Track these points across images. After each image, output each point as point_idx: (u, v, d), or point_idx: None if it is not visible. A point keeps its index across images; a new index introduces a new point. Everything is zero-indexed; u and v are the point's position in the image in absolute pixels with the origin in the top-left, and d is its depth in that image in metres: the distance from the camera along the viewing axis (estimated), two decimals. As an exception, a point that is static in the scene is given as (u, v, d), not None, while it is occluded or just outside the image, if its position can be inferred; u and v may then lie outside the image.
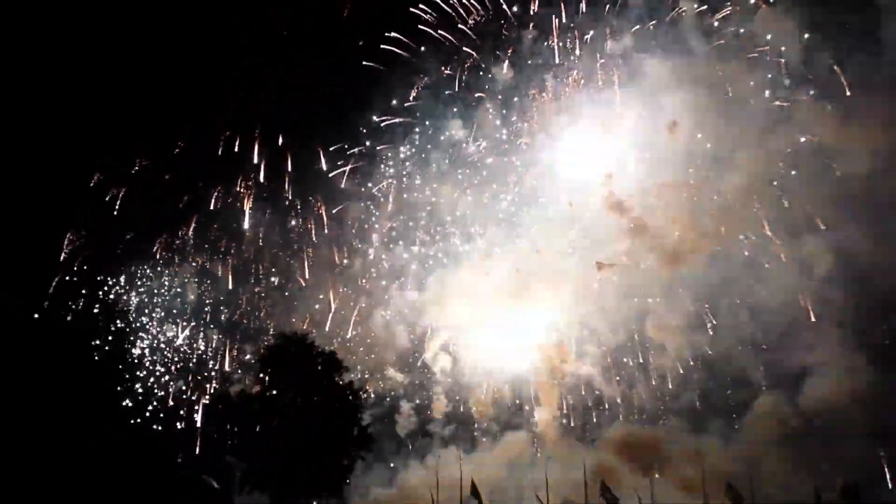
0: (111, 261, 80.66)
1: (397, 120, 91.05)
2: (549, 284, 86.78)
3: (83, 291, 61.80)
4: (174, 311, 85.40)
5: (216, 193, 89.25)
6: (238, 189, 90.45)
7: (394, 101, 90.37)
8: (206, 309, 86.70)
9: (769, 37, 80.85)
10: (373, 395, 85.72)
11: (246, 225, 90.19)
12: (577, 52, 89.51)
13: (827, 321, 76.39)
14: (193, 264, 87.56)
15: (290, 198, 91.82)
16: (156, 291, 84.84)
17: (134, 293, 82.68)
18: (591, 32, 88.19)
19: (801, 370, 77.08)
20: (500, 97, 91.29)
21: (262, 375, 57.57)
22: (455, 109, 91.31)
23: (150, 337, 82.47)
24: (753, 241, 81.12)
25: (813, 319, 77.49)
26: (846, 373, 73.19)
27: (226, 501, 63.96)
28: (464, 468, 71.48)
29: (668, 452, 76.87)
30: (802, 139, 79.32)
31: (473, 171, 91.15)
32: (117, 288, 74.17)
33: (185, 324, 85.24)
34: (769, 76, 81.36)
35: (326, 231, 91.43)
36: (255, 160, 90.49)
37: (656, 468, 74.17)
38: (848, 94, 76.97)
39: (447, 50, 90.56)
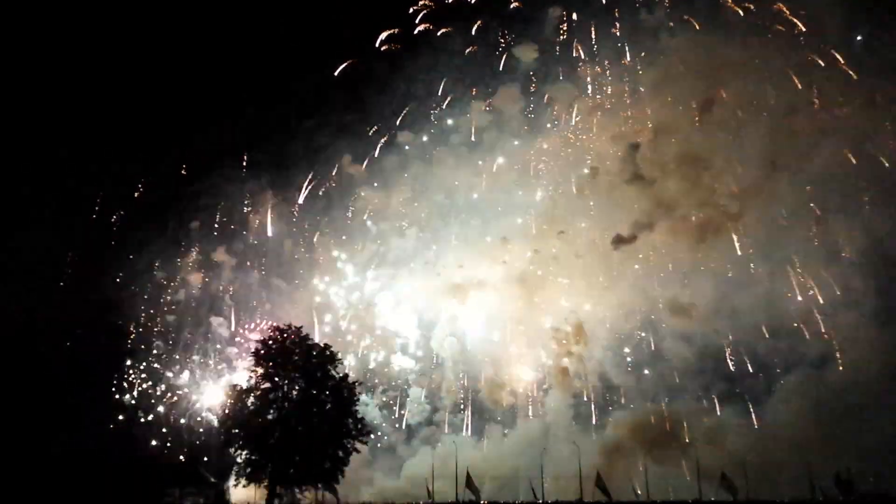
0: (113, 273, 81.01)
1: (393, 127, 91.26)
2: (567, 267, 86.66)
3: (84, 301, 64.21)
4: (177, 308, 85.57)
5: (221, 211, 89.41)
6: (245, 206, 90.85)
7: (408, 94, 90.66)
8: (209, 307, 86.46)
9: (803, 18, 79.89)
10: (381, 387, 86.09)
11: (252, 239, 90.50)
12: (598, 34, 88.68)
13: (849, 305, 75.07)
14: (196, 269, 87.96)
15: (298, 214, 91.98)
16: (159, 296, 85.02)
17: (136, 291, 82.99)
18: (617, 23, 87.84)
19: (819, 356, 75.87)
20: (521, 81, 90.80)
21: (257, 369, 58.08)
22: (474, 95, 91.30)
23: (150, 340, 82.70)
24: (771, 224, 79.81)
25: (832, 304, 76.47)
26: (865, 359, 71.86)
27: (221, 493, 64.90)
28: (471, 457, 71.58)
29: (676, 439, 76.42)
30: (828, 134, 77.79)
31: (492, 157, 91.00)
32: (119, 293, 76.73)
33: (187, 331, 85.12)
34: (799, 58, 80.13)
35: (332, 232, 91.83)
36: (263, 175, 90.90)
37: (661, 455, 74.06)
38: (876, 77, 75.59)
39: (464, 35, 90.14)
